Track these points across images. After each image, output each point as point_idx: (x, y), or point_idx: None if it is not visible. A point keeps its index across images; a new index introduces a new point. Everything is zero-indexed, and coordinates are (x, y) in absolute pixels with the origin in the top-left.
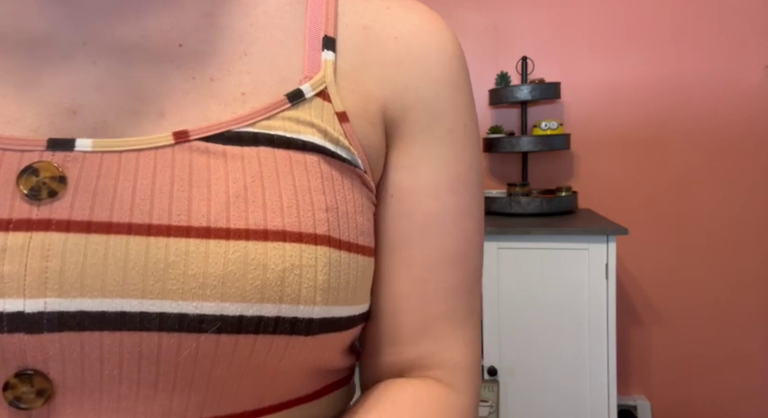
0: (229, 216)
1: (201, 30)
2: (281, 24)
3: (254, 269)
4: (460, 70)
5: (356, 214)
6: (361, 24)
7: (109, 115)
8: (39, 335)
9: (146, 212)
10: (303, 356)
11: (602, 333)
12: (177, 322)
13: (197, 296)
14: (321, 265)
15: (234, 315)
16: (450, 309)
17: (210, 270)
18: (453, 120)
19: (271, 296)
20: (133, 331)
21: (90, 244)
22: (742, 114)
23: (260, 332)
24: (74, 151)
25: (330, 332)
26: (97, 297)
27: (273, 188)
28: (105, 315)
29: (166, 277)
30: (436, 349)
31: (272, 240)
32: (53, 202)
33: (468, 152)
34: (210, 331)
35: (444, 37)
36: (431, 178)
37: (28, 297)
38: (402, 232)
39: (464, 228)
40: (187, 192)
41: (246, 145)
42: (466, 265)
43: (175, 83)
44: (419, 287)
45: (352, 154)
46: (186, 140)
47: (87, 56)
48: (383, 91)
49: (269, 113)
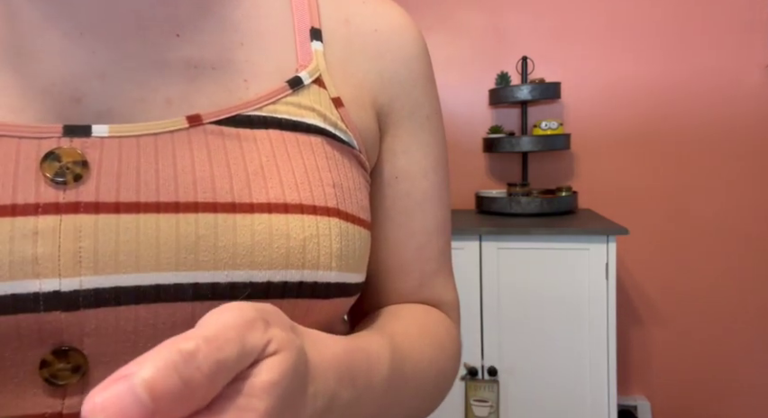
0: (251, 192)
1: (196, 20)
2: (270, 15)
3: (279, 239)
4: (429, 62)
5: (356, 191)
6: (342, 17)
7: (114, 103)
8: (75, 312)
9: (172, 191)
10: (321, 318)
11: (602, 333)
12: (210, 290)
13: (228, 266)
14: (334, 234)
15: (263, 281)
16: (440, 265)
17: (239, 241)
18: (429, 108)
19: (295, 263)
20: (168, 303)
21: (121, 224)
22: (742, 114)
23: (286, 296)
24: (91, 137)
25: (342, 297)
26: (132, 273)
27: (286, 166)
28: (141, 289)
29: (198, 249)
30: (432, 296)
31: (292, 212)
32: (78, 186)
33: (441, 136)
34: (241, 298)
35: (416, 31)
36: (421, 161)
37: (63, 276)
38: (406, 209)
39: (444, 200)
40: (208, 171)
41: (257, 128)
42: (448, 229)
43: (178, 71)
44: (420, 253)
45: (348, 136)
46: (199, 123)
47: (86, 46)
48: (371, 82)
49: (274, 99)
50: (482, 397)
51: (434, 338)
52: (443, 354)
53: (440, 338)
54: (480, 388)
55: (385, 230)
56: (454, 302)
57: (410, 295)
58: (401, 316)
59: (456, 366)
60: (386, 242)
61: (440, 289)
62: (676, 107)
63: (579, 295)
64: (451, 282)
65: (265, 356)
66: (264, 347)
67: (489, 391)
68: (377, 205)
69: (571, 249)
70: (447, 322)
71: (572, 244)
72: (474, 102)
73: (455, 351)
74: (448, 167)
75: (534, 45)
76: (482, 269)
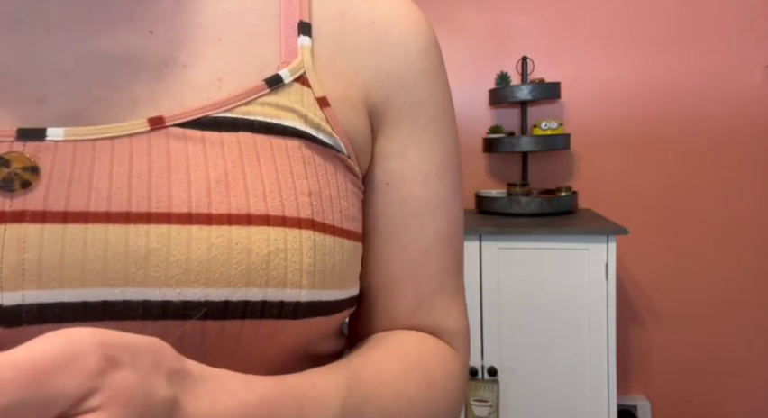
0: (210, 201)
1: (171, 16)
2: (255, 9)
3: (238, 254)
4: (437, 56)
5: (340, 199)
6: (336, 9)
7: (79, 103)
8: (17, 328)
9: (124, 200)
10: (291, 340)
11: (602, 333)
12: (161, 309)
13: (181, 283)
14: (306, 248)
15: (220, 300)
16: (442, 286)
17: (193, 256)
18: (434, 106)
19: (257, 280)
20: (117, 321)
21: (67, 234)
22: (742, 114)
23: (247, 317)
24: (45, 141)
25: (317, 316)
26: (78, 288)
27: (254, 173)
28: (87, 305)
29: (148, 264)
30: (431, 322)
31: (256, 224)
32: (27, 193)
33: (449, 138)
34: (195, 318)
35: (421, 23)
36: (420, 165)
37: (5, 290)
38: (397, 219)
39: (451, 211)
40: (165, 178)
41: (225, 131)
42: (455, 244)
43: (147, 70)
44: (415, 270)
45: (334, 139)
46: (162, 126)
47: (53, 43)
48: (364, 78)
49: (248, 99)
50: (482, 397)
51: (420, 374)
52: (430, 393)
53: (430, 374)
54: (480, 388)
55: (374, 242)
56: (459, 329)
57: (404, 318)
58: (383, 347)
59: (454, 405)
60: (375, 256)
61: (440, 313)
62: (676, 107)
63: (579, 295)
64: (456, 306)
65: (81, 411)
66: (83, 398)
67: (489, 391)
68: (366, 214)
69: (571, 249)
70: (444, 354)
71: (572, 244)
72: (474, 102)
73: (452, 388)
74: (460, 173)
75: (534, 45)
76: (482, 269)
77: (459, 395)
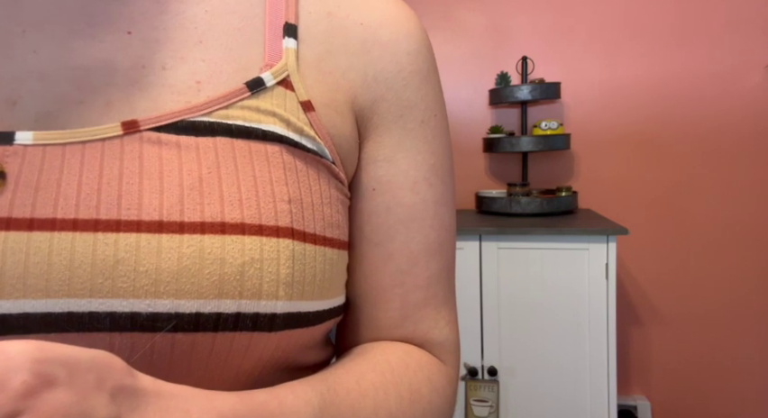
0: (183, 209)
1: (151, 16)
2: (239, 11)
3: (211, 264)
4: (428, 59)
5: (323, 206)
6: (325, 11)
7: (52, 106)
8: None
9: (93, 207)
10: (268, 353)
11: (602, 333)
12: (129, 321)
13: (150, 294)
14: (284, 258)
15: (191, 312)
16: (431, 295)
17: (163, 266)
18: (425, 111)
19: (230, 292)
20: (83, 333)
21: (32, 242)
22: (742, 114)
23: (220, 330)
24: (14, 145)
25: (296, 328)
26: (42, 298)
27: (231, 180)
28: (51, 316)
29: (115, 274)
30: (418, 333)
31: (230, 233)
32: None
33: (440, 143)
34: (165, 330)
35: (412, 25)
36: (408, 171)
37: None
38: (384, 226)
39: (441, 218)
40: (137, 185)
41: (201, 135)
42: (445, 252)
43: (123, 71)
44: (402, 279)
45: (318, 144)
46: (135, 130)
47: (27, 45)
48: (351, 81)
49: (227, 102)
50: (482, 397)
51: (403, 387)
52: (414, 407)
53: (414, 388)
54: (479, 388)
55: (361, 249)
56: (448, 342)
57: (391, 328)
58: (366, 359)
59: None
60: (361, 264)
61: (428, 325)
62: (676, 107)
63: (579, 295)
64: (446, 317)
65: None
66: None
67: (488, 391)
68: (352, 221)
69: (571, 249)
70: (431, 366)
71: (572, 244)
72: (474, 102)
73: (438, 402)
74: (452, 179)
75: (534, 45)
76: (482, 269)
77: (446, 409)
